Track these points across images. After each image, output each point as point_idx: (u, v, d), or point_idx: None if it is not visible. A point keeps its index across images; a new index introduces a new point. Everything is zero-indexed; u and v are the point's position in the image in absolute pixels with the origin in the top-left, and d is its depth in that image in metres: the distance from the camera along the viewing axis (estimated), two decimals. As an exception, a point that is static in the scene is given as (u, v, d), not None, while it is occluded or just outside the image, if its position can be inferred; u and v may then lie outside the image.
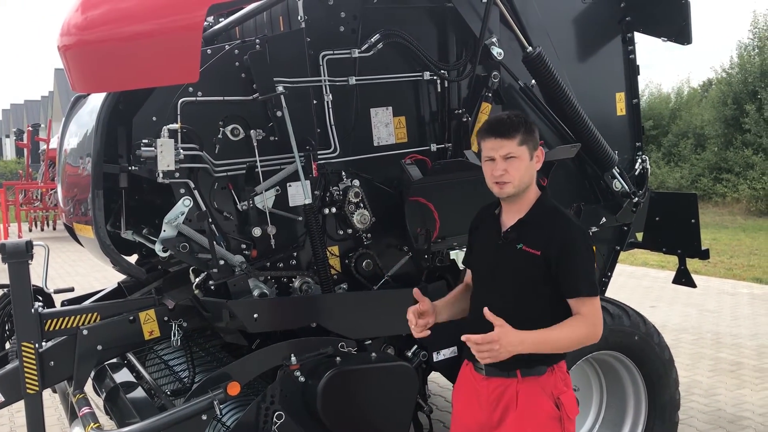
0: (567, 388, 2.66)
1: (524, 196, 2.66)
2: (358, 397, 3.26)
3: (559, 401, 2.60)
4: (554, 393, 2.61)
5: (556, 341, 2.50)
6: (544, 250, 2.54)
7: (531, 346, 2.44)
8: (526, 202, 2.66)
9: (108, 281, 9.06)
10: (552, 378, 2.62)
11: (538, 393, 2.60)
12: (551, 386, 2.61)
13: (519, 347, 2.41)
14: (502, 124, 2.59)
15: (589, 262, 2.57)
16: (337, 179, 3.53)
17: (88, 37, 2.28)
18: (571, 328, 2.50)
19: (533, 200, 2.66)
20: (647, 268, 11.39)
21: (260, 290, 3.29)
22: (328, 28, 3.52)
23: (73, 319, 3.41)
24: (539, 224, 2.61)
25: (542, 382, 2.60)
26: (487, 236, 2.78)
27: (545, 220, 2.61)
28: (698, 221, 4.51)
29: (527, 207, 2.66)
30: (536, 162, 2.64)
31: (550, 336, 2.48)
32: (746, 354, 6.71)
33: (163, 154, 3.07)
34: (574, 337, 2.51)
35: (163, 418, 2.97)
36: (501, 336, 2.36)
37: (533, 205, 2.66)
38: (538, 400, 2.60)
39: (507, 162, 2.56)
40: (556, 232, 2.56)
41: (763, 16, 21.00)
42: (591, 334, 2.53)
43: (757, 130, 18.76)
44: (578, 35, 4.29)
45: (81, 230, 3.74)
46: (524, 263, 2.58)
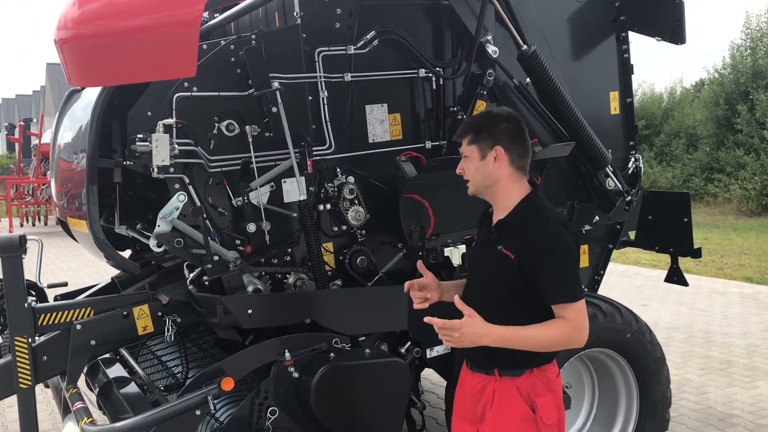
0: (548, 392, 2.58)
1: (501, 196, 2.62)
2: (351, 393, 3.27)
3: (534, 405, 2.54)
4: (531, 396, 2.55)
5: (527, 339, 2.46)
6: (517, 254, 2.49)
7: (497, 341, 2.44)
8: (508, 201, 2.61)
9: (100, 276, 9.03)
10: (530, 380, 2.56)
11: (513, 394, 2.56)
12: (528, 388, 2.56)
13: (484, 339, 2.42)
14: (462, 125, 2.72)
15: (564, 267, 2.48)
16: (332, 176, 3.54)
17: (85, 30, 2.28)
18: (547, 329, 2.46)
19: (516, 200, 2.60)
20: (639, 266, 11.44)
21: (254, 286, 3.29)
22: (323, 25, 3.52)
23: (67, 313, 3.41)
24: (517, 226, 2.55)
25: (519, 383, 2.56)
26: (481, 233, 2.80)
27: (524, 222, 2.55)
28: (691, 220, 4.53)
29: (510, 207, 2.61)
30: (492, 161, 2.58)
31: (521, 334, 2.46)
32: (736, 353, 6.75)
33: (158, 149, 3.07)
34: (549, 338, 2.46)
35: (156, 413, 2.97)
36: (464, 325, 2.39)
37: (516, 205, 2.60)
38: (512, 400, 2.56)
39: (465, 161, 2.65)
40: (530, 237, 2.49)
41: (755, 17, 20.99)
42: (571, 338, 2.48)
43: (749, 130, 18.83)
44: (573, 34, 4.30)
45: (75, 225, 3.73)
46: (501, 264, 2.55)
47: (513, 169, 2.60)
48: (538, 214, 2.57)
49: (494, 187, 2.61)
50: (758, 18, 20.66)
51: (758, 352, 6.76)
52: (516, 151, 2.60)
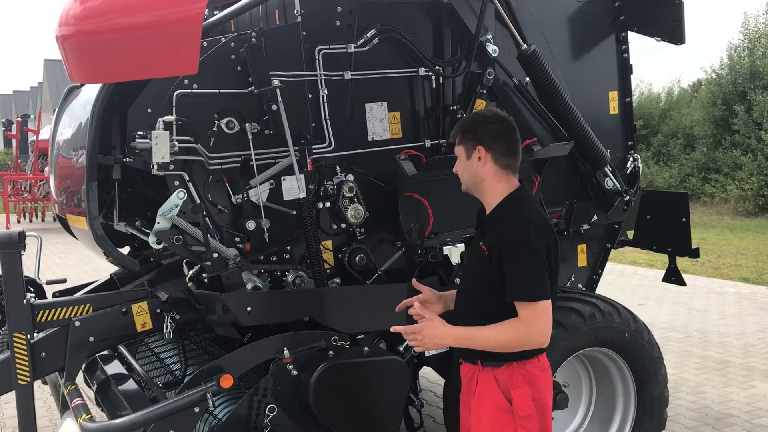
0: (526, 385, 2.60)
1: (486, 194, 2.69)
2: (350, 391, 3.27)
3: (510, 396, 2.59)
4: (508, 387, 2.59)
5: (482, 340, 2.54)
6: (489, 250, 2.56)
7: (456, 341, 2.59)
8: (494, 199, 2.67)
9: (97, 273, 9.02)
10: (508, 372, 2.60)
11: (492, 384, 2.62)
12: (506, 380, 2.60)
13: (444, 340, 2.56)
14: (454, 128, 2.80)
15: (523, 265, 2.49)
16: (331, 174, 3.54)
17: (87, 27, 2.27)
18: (500, 329, 2.51)
19: (501, 198, 2.66)
20: (636, 266, 11.45)
21: (253, 283, 3.30)
22: (324, 23, 3.53)
23: (66, 310, 3.40)
24: (495, 223, 2.62)
25: (497, 373, 2.61)
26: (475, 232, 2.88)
27: (501, 219, 2.61)
28: (689, 220, 4.54)
29: (494, 204, 2.67)
30: (476, 160, 2.65)
31: (476, 334, 2.54)
32: (733, 352, 6.77)
33: (158, 146, 3.07)
34: (501, 338, 2.50)
35: (155, 409, 2.97)
36: (423, 328, 2.53)
37: (500, 203, 2.65)
38: (490, 390, 2.62)
39: (457, 162, 2.75)
40: (500, 233, 2.55)
41: (753, 18, 21.00)
42: (525, 338, 2.50)
43: (746, 131, 18.86)
44: (572, 34, 4.31)
45: (74, 221, 3.73)
46: (480, 261, 2.62)
47: (497, 168, 2.65)
48: (514, 211, 2.61)
49: (480, 185, 2.69)
50: (756, 19, 20.70)
51: (755, 352, 6.78)
52: (499, 150, 2.64)
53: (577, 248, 4.47)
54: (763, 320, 7.96)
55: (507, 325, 2.50)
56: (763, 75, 19.05)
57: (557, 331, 3.59)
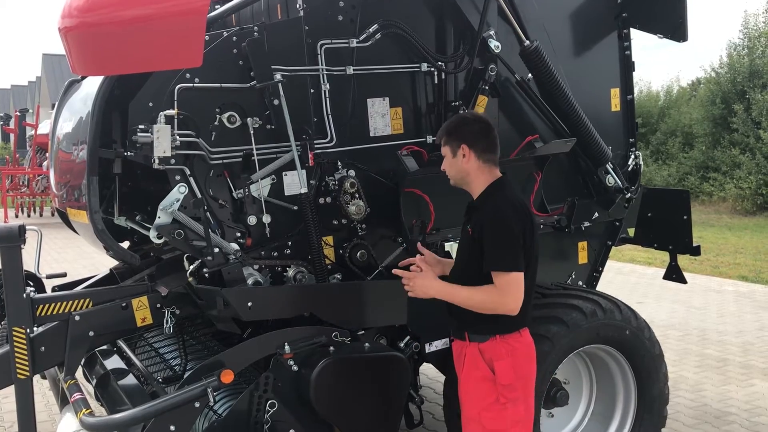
0: (507, 356, 2.89)
1: (472, 187, 3.01)
2: (350, 387, 3.26)
3: (492, 366, 2.89)
4: (492, 359, 2.89)
5: (465, 297, 2.87)
6: (473, 231, 2.92)
7: (442, 293, 2.92)
8: (478, 189, 3.00)
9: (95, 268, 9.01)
10: (492, 345, 2.91)
11: (477, 357, 2.93)
12: (490, 353, 2.90)
13: (431, 290, 2.92)
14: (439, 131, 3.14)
15: (499, 238, 2.82)
16: (332, 169, 3.53)
17: (90, 19, 2.26)
18: (479, 291, 2.84)
19: (483, 188, 2.99)
20: (634, 264, 11.46)
21: (254, 279, 3.28)
22: (326, 17, 3.51)
23: (66, 304, 3.39)
24: (479, 208, 2.97)
25: (483, 347, 2.92)
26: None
27: (483, 203, 2.97)
28: (690, 218, 4.54)
29: (478, 193, 3.01)
30: (461, 157, 2.98)
31: (457, 291, 2.90)
32: (732, 351, 6.77)
33: (160, 140, 3.06)
34: (479, 298, 2.83)
35: (155, 404, 2.96)
36: (417, 276, 2.94)
37: (483, 191, 3.00)
38: (476, 363, 2.93)
39: (444, 160, 3.06)
40: (482, 215, 2.91)
41: (753, 17, 21.03)
42: (498, 303, 2.80)
43: (745, 129, 18.88)
44: (575, 30, 4.30)
45: (74, 215, 3.71)
46: (467, 243, 2.98)
47: (480, 162, 2.98)
48: (495, 197, 2.95)
49: (467, 179, 3.01)
50: (756, 18, 20.71)
51: (753, 350, 6.79)
52: (480, 147, 2.97)
53: (578, 245, 4.47)
54: (762, 319, 7.97)
55: (483, 288, 2.84)
56: (763, 74, 19.07)
57: (558, 327, 3.59)
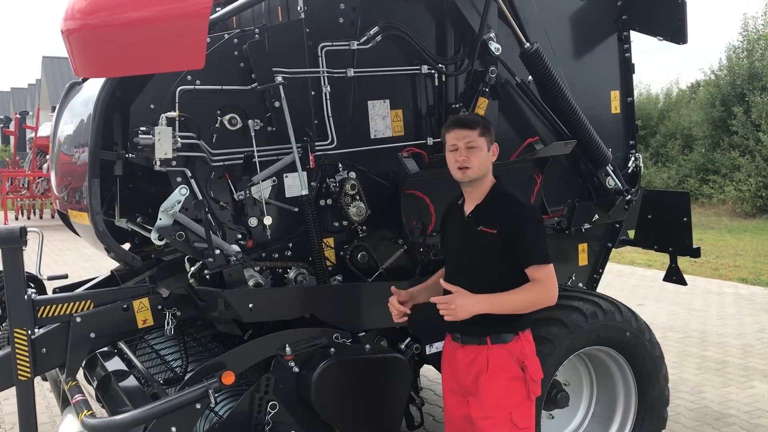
0: (532, 354, 2.94)
1: (481, 184, 2.97)
2: (351, 389, 3.27)
3: (524, 365, 2.89)
4: (520, 358, 2.89)
5: (510, 302, 2.81)
6: (498, 229, 2.86)
7: (486, 306, 2.78)
8: (483, 189, 2.97)
9: (96, 270, 9.00)
10: (518, 344, 2.90)
11: (506, 357, 2.89)
12: (518, 352, 2.89)
13: (475, 307, 2.76)
14: (466, 118, 3.04)
15: (538, 234, 2.88)
16: (333, 171, 3.54)
17: (93, 21, 2.26)
18: (524, 291, 2.80)
19: (488, 188, 2.98)
20: (634, 266, 11.46)
21: (255, 280, 3.29)
22: (327, 20, 3.52)
23: (67, 306, 3.39)
24: (493, 207, 2.93)
25: (509, 347, 2.90)
26: (455, 224, 3.09)
27: (498, 203, 2.94)
28: (690, 220, 4.54)
29: (483, 194, 2.98)
30: (492, 155, 2.97)
31: (504, 297, 2.81)
32: (732, 353, 6.78)
33: (161, 142, 3.07)
34: (527, 298, 2.80)
35: (157, 406, 2.96)
36: (455, 298, 2.75)
37: (488, 192, 2.98)
38: (506, 363, 2.89)
39: (469, 150, 2.90)
40: (508, 213, 2.88)
41: (753, 19, 21.03)
42: (545, 296, 2.82)
43: (744, 132, 18.89)
44: (575, 32, 4.31)
45: (76, 217, 3.72)
46: (484, 242, 2.90)
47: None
48: (509, 195, 3.00)
49: (484, 177, 2.98)
50: (755, 20, 20.73)
51: (753, 352, 6.79)
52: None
53: (578, 247, 4.47)
54: (762, 321, 7.97)
55: (527, 287, 2.81)
56: (762, 76, 19.09)
57: (559, 329, 3.59)
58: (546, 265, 2.83)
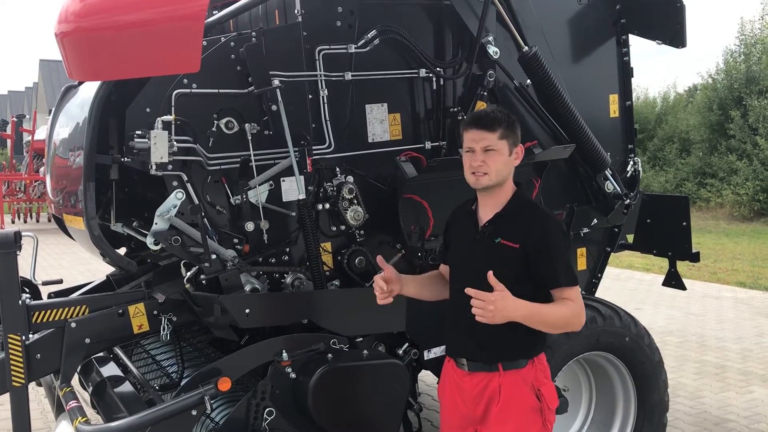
0: (547, 379, 2.72)
1: (501, 191, 2.70)
2: (349, 395, 3.24)
3: (540, 393, 2.66)
4: (535, 385, 2.67)
5: (547, 316, 2.56)
6: (522, 243, 2.60)
7: (525, 316, 2.51)
8: (503, 196, 2.71)
9: (92, 274, 8.97)
10: (533, 370, 2.68)
11: (520, 385, 2.66)
12: (532, 378, 2.67)
13: (514, 314, 2.47)
14: (485, 117, 2.68)
15: (566, 253, 2.67)
16: (331, 175, 3.51)
17: (87, 24, 2.24)
18: (560, 307, 2.58)
19: (510, 195, 2.72)
20: (632, 270, 11.44)
21: (252, 285, 3.26)
22: (324, 23, 3.50)
23: (61, 311, 3.35)
24: (516, 218, 2.67)
25: (523, 374, 2.67)
26: (465, 232, 2.83)
27: (522, 213, 2.68)
28: (689, 224, 4.52)
29: (504, 201, 2.71)
30: (515, 158, 2.70)
31: (542, 310, 2.55)
32: (731, 357, 6.76)
33: (157, 146, 3.04)
34: (561, 315, 2.57)
35: (152, 412, 2.93)
36: (497, 299, 2.43)
37: (510, 199, 2.72)
38: (521, 392, 2.66)
39: (486, 154, 2.63)
40: (533, 226, 2.63)
41: (750, 23, 21.04)
42: (576, 319, 2.60)
43: (742, 136, 18.91)
44: (573, 36, 4.29)
45: (71, 222, 3.69)
46: (502, 256, 2.63)
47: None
48: (535, 206, 2.76)
49: (504, 184, 2.71)
50: (752, 24, 20.75)
51: (752, 356, 6.77)
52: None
53: (576, 252, 4.45)
54: (761, 325, 7.96)
55: (562, 303, 2.58)
56: (759, 80, 19.12)
57: (557, 334, 3.56)
58: (575, 287, 2.60)
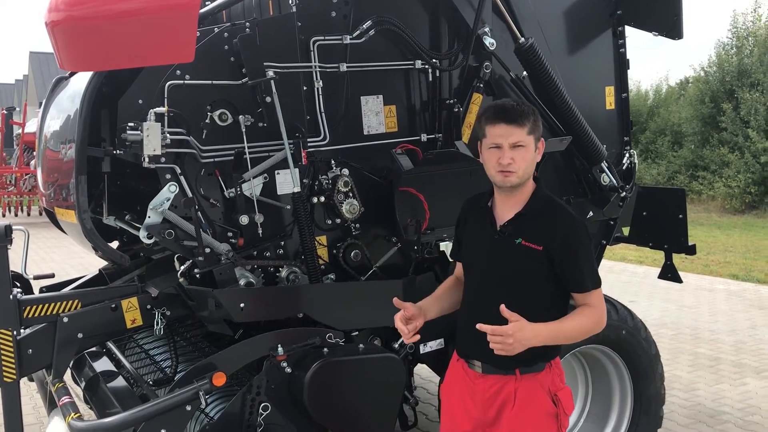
0: (563, 384, 2.65)
1: (522, 189, 2.57)
2: (345, 389, 3.22)
3: (556, 398, 2.58)
4: (552, 389, 2.59)
5: (569, 332, 2.48)
6: (546, 245, 2.48)
7: (546, 339, 2.41)
8: (524, 194, 2.58)
9: (84, 268, 8.91)
10: (549, 375, 2.60)
11: (537, 390, 2.57)
12: (549, 383, 2.59)
13: (534, 341, 2.36)
14: (513, 111, 2.48)
15: (591, 254, 2.57)
16: (326, 168, 3.47)
17: (78, 12, 2.19)
18: (581, 318, 2.49)
19: (530, 192, 2.59)
20: (626, 263, 11.46)
21: (246, 279, 3.23)
22: (319, 13, 3.46)
23: (53, 306, 3.32)
24: (538, 218, 2.53)
25: (540, 379, 2.58)
26: (481, 230, 2.69)
27: (544, 213, 2.54)
28: (686, 217, 4.50)
29: (525, 200, 2.58)
30: (538, 154, 2.55)
31: (563, 327, 2.47)
32: (724, 349, 6.77)
33: (150, 138, 3.00)
34: (584, 327, 2.50)
35: (146, 408, 2.90)
36: (515, 330, 2.30)
37: (530, 197, 2.58)
38: (537, 397, 2.57)
39: (514, 150, 2.46)
40: (557, 226, 2.50)
41: (742, 16, 21.08)
42: (599, 324, 2.53)
43: (734, 128, 18.94)
44: (569, 27, 4.26)
45: (63, 215, 3.64)
46: (524, 258, 2.51)
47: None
48: (557, 204, 2.61)
49: (527, 181, 2.56)
50: (744, 17, 20.78)
51: (745, 349, 6.78)
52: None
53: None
54: (754, 317, 7.98)
55: (583, 313, 2.50)
56: (751, 73, 19.14)
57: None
58: (598, 290, 2.52)
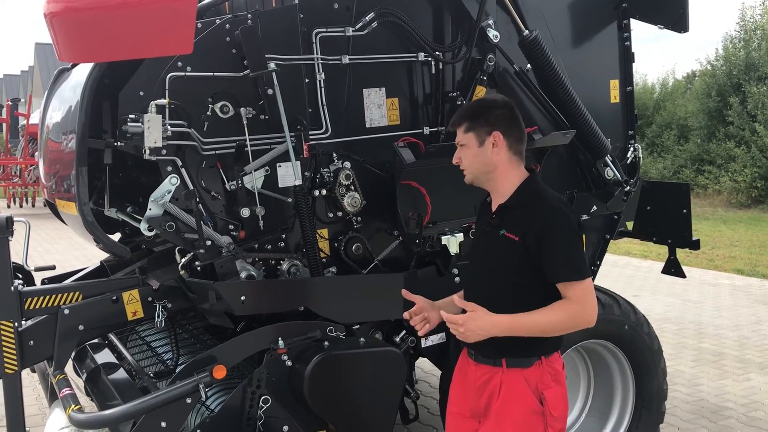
0: (555, 383, 2.57)
1: (496, 182, 2.63)
2: (346, 383, 3.21)
3: (543, 396, 2.52)
4: (539, 387, 2.53)
5: (535, 324, 2.45)
6: (521, 237, 2.50)
7: (504, 330, 2.44)
8: (506, 186, 2.62)
9: (87, 260, 8.93)
10: (538, 371, 2.54)
11: (522, 385, 2.54)
12: (536, 380, 2.54)
13: (491, 331, 2.43)
14: (455, 116, 2.69)
15: (569, 245, 2.48)
16: (327, 161, 3.46)
17: (77, 3, 2.18)
18: (552, 311, 2.44)
19: (516, 185, 2.61)
20: (630, 257, 11.43)
21: (248, 272, 3.22)
22: (321, 5, 3.44)
23: (55, 297, 3.32)
24: (518, 209, 2.56)
25: (527, 374, 2.54)
26: (480, 222, 2.81)
27: (525, 204, 2.56)
28: (690, 211, 4.48)
29: (509, 192, 2.61)
30: (490, 147, 2.59)
31: (527, 320, 2.45)
32: (728, 345, 6.75)
33: (151, 130, 2.99)
34: (555, 320, 2.43)
35: (147, 400, 2.90)
36: (466, 320, 2.41)
37: (516, 189, 2.61)
38: (521, 392, 2.53)
39: (460, 150, 2.66)
40: (533, 218, 2.50)
41: (750, 9, 21.02)
42: (578, 319, 2.45)
43: (740, 122, 18.86)
44: (574, 20, 4.23)
45: (64, 207, 3.64)
46: (505, 249, 2.55)
47: (511, 154, 2.62)
48: (539, 196, 2.58)
49: (493, 174, 2.62)
50: (753, 10, 20.68)
51: (750, 344, 6.76)
52: (513, 137, 2.62)
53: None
54: (758, 312, 7.95)
55: (557, 307, 2.45)
56: (759, 67, 19.05)
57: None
58: (580, 282, 2.43)
